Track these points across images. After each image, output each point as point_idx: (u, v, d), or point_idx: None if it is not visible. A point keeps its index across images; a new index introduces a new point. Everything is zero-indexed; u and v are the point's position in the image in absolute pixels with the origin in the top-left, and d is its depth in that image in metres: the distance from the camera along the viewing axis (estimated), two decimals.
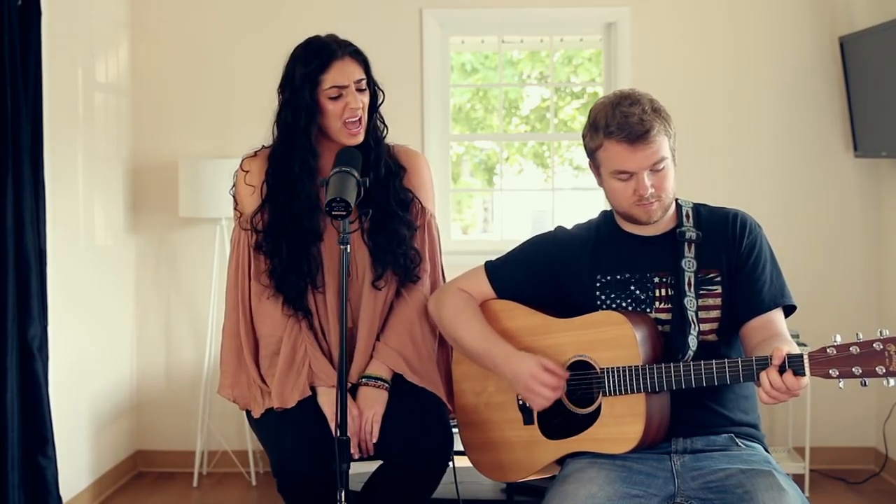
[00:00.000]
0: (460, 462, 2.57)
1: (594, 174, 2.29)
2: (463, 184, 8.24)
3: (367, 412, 2.41)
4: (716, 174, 4.29)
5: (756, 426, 2.28)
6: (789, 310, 2.25)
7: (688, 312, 2.18)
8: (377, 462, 2.51)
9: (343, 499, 2.11)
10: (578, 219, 2.44)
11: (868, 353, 1.91)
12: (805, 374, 1.96)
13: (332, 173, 2.21)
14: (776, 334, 2.16)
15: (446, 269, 2.71)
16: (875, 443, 4.31)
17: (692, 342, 2.17)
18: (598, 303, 2.26)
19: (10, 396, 3.08)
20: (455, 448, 2.46)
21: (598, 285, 2.27)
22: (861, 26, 4.10)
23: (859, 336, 1.94)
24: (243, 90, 4.37)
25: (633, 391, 2.13)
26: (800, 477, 3.99)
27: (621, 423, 2.15)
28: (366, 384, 2.45)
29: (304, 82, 2.42)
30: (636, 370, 2.12)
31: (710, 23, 4.36)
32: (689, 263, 2.22)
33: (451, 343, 2.48)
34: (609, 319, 2.19)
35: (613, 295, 2.26)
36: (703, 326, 2.21)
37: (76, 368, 3.77)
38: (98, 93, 4.06)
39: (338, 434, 2.14)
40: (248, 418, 2.54)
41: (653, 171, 2.16)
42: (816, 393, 3.98)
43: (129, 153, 4.36)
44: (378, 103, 2.54)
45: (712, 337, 2.22)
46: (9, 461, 3.08)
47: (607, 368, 2.16)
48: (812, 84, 4.30)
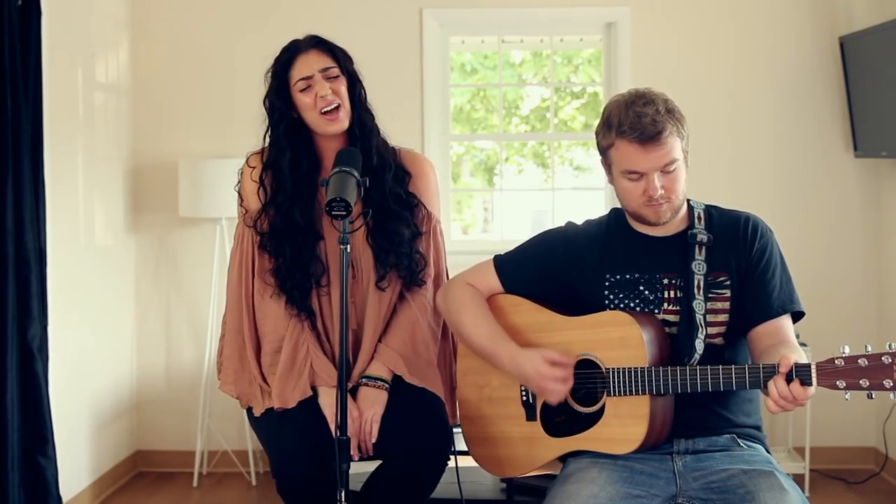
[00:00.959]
0: (462, 462, 2.57)
1: (605, 172, 2.28)
2: (463, 184, 8.23)
3: (367, 413, 2.41)
4: (716, 174, 4.29)
5: (758, 428, 2.27)
6: (797, 316, 2.24)
7: (696, 315, 2.17)
8: (377, 462, 2.51)
9: (343, 499, 2.11)
10: (578, 219, 2.43)
11: (876, 367, 1.90)
12: (812, 385, 1.95)
13: (332, 173, 2.20)
14: (783, 340, 2.15)
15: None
16: (875, 443, 4.31)
17: (699, 346, 2.16)
18: (607, 302, 2.25)
19: (10, 396, 3.08)
20: (458, 448, 2.46)
21: (607, 284, 2.26)
22: (861, 26, 4.10)
23: (868, 348, 1.93)
24: (243, 90, 4.36)
25: (638, 392, 2.12)
26: (800, 477, 3.98)
27: (624, 424, 2.15)
28: (366, 384, 2.45)
29: (275, 82, 2.50)
30: (642, 372, 2.11)
31: (711, 23, 4.36)
32: (700, 266, 2.21)
33: (457, 337, 2.48)
34: (616, 319, 2.18)
35: (622, 295, 2.25)
36: (711, 330, 2.19)
37: (76, 368, 3.77)
38: (98, 93, 4.06)
39: (338, 434, 2.14)
40: (249, 416, 2.54)
41: (664, 173, 2.15)
42: (817, 393, 3.93)
43: (129, 153, 4.36)
44: (358, 92, 2.52)
45: (719, 340, 2.21)
46: (9, 461, 3.08)
47: (613, 368, 2.16)
48: (812, 84, 4.30)
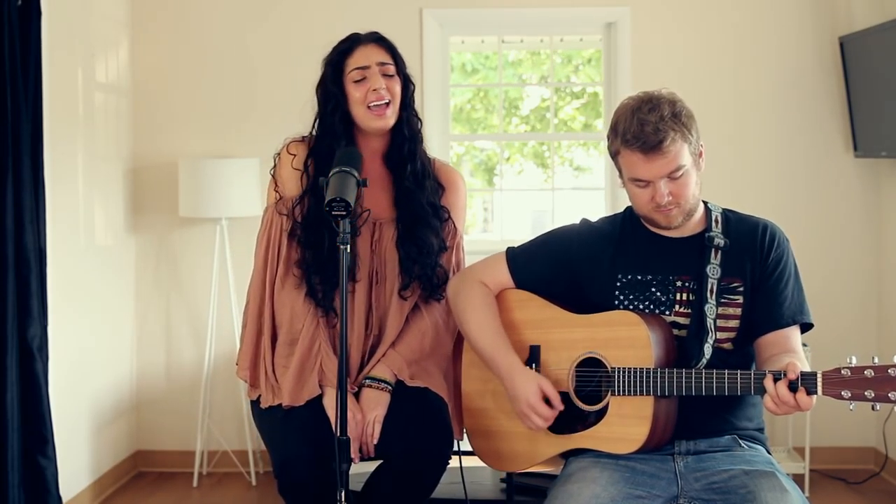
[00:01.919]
0: (464, 462, 2.57)
1: (618, 175, 2.27)
2: None
3: (369, 414, 2.40)
4: (715, 174, 4.26)
5: (760, 430, 2.27)
6: (806, 327, 2.24)
7: (707, 319, 2.17)
8: (377, 462, 2.50)
9: (343, 499, 2.10)
10: (577, 219, 2.43)
11: (882, 378, 1.89)
12: (817, 393, 1.95)
13: (332, 173, 2.18)
14: (789, 350, 2.15)
15: None
16: (875, 443, 4.31)
17: (707, 350, 2.15)
18: (616, 303, 2.24)
19: (10, 396, 3.08)
20: (462, 448, 2.46)
21: (619, 285, 2.25)
22: (861, 26, 4.10)
23: (875, 360, 1.93)
24: (243, 90, 4.37)
25: (642, 393, 2.12)
26: (800, 477, 3.98)
27: (627, 424, 2.14)
28: (368, 386, 2.45)
29: (330, 69, 2.49)
30: (647, 372, 2.11)
31: (711, 23, 4.36)
32: (714, 270, 2.20)
33: (462, 334, 2.47)
34: (624, 319, 2.18)
35: (632, 296, 2.24)
36: (720, 335, 2.19)
37: (76, 368, 3.77)
38: (98, 93, 4.06)
39: (338, 434, 2.14)
40: (253, 407, 2.53)
41: (671, 179, 2.14)
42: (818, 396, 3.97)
43: (129, 153, 4.35)
44: (410, 96, 2.53)
45: (727, 345, 2.21)
46: (9, 461, 3.08)
47: (618, 368, 2.16)
48: (812, 84, 4.30)
